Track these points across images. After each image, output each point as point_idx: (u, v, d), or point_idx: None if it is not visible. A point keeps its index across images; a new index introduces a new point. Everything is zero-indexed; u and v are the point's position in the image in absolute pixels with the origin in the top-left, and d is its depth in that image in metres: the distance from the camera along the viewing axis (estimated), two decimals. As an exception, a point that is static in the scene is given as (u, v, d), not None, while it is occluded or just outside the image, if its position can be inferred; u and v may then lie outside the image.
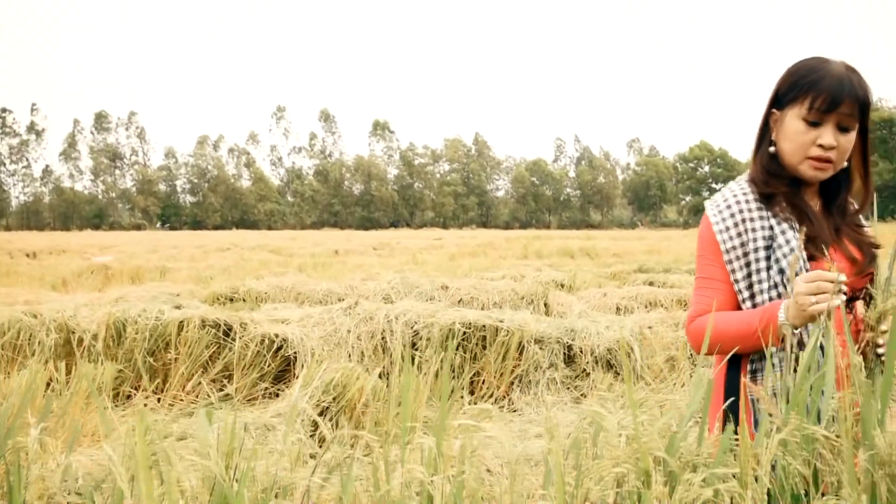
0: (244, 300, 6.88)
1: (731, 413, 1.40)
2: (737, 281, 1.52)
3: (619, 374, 4.41)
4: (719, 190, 1.63)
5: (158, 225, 77.38)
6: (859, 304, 1.55)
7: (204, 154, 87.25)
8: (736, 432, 1.19)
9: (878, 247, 1.55)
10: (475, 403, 4.03)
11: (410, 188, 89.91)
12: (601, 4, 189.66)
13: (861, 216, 1.61)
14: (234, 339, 4.41)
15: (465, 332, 4.40)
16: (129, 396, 4.37)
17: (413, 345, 4.46)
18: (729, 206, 1.54)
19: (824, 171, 1.50)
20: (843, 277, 1.36)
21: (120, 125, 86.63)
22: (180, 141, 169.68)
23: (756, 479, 1.12)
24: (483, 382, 4.37)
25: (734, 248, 1.52)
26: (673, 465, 1.03)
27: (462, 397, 4.06)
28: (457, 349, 4.39)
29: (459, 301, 6.76)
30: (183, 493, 1.09)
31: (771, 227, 1.51)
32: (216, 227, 76.60)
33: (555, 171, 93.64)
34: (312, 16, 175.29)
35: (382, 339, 4.41)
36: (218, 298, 6.92)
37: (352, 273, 9.75)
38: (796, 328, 1.40)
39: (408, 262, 13.10)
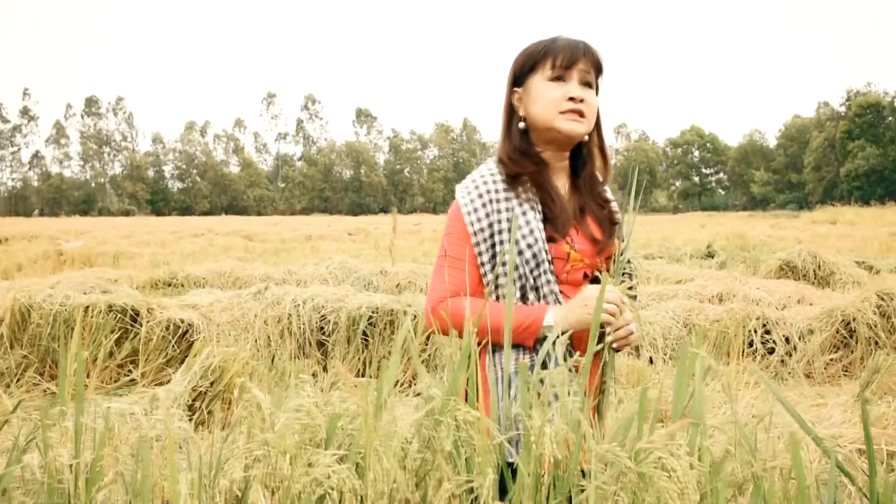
0: (183, 285, 6.86)
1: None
2: (482, 264, 1.51)
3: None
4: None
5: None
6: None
7: (191, 140, 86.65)
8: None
9: (616, 223, 1.55)
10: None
11: (399, 174, 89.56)
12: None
13: (608, 188, 1.61)
14: (141, 325, 4.39)
15: (371, 317, 4.39)
16: (35, 383, 4.36)
17: (321, 329, 4.46)
18: (477, 188, 1.53)
19: (580, 123, 1.50)
20: (625, 299, 1.41)
21: (108, 110, 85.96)
22: (166, 127, 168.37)
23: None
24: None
25: (482, 230, 1.50)
26: (286, 447, 1.02)
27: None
28: (364, 333, 4.38)
29: (397, 285, 6.75)
30: None
31: (513, 209, 1.49)
32: (205, 213, 76.26)
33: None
34: (297, 2, 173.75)
35: (289, 323, 4.40)
36: (156, 284, 6.90)
37: (307, 258, 9.73)
38: (563, 332, 1.40)
39: (370, 246, 13.06)
